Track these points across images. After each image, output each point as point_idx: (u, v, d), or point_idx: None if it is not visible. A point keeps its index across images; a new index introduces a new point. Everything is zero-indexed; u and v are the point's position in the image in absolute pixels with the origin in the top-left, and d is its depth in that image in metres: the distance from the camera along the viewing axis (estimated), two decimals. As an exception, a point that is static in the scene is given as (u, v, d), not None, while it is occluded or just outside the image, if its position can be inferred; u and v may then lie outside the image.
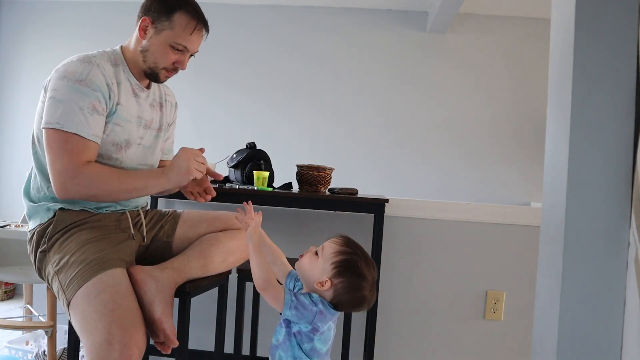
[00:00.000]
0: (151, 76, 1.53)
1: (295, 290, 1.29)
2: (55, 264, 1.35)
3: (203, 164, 1.48)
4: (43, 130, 1.37)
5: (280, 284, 1.28)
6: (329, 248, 1.26)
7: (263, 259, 1.24)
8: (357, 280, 1.23)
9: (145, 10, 1.49)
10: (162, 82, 1.57)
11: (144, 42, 1.48)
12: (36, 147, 1.46)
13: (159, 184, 1.45)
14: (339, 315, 1.32)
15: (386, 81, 3.66)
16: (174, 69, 1.53)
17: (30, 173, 1.50)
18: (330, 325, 1.27)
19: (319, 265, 1.25)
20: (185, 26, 1.47)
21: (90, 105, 1.37)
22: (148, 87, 1.60)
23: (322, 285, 1.24)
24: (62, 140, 1.34)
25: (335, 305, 1.25)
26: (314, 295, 1.25)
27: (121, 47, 1.55)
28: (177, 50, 1.49)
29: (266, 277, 1.21)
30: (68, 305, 1.27)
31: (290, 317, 1.21)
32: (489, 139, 3.59)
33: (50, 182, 1.43)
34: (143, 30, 1.48)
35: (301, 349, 1.23)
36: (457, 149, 3.60)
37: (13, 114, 3.89)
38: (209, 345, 2.34)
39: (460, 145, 3.60)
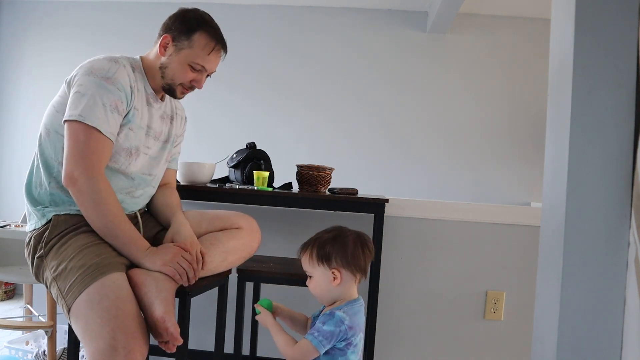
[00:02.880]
0: (168, 91, 1.57)
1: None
2: (53, 270, 1.34)
3: (188, 266, 1.39)
4: (65, 123, 1.38)
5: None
6: (305, 261, 1.35)
7: (282, 331, 1.33)
8: (337, 242, 1.32)
9: (167, 29, 1.53)
10: (179, 98, 1.61)
11: (164, 58, 1.53)
12: (42, 140, 1.47)
13: (132, 254, 1.38)
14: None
15: (386, 81, 3.66)
16: (190, 87, 1.57)
17: (32, 166, 1.50)
18: (361, 336, 1.31)
19: (317, 278, 1.33)
20: (204, 46, 1.51)
21: (112, 103, 1.39)
22: (162, 99, 1.63)
23: (337, 279, 1.31)
24: (83, 134, 1.35)
25: (360, 272, 1.33)
26: (337, 314, 1.27)
27: (140, 57, 1.58)
28: (195, 69, 1.53)
29: (292, 342, 1.29)
30: (69, 311, 1.27)
31: (330, 348, 1.26)
32: (489, 139, 3.59)
33: (52, 177, 1.44)
34: (163, 47, 1.52)
35: None
36: (458, 149, 3.60)
37: (13, 115, 3.89)
38: (209, 345, 2.34)
39: (460, 145, 3.60)
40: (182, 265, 1.38)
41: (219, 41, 1.55)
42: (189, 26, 1.51)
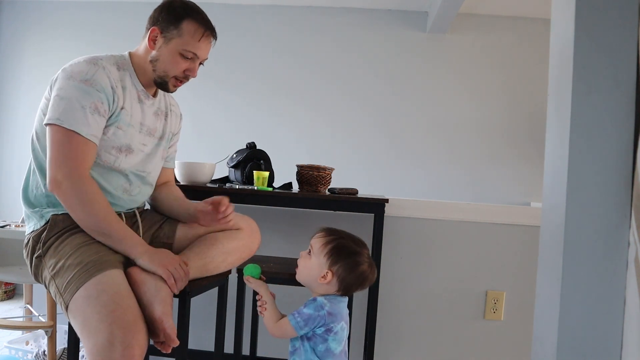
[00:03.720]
0: (160, 85, 1.55)
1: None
2: (51, 268, 1.35)
3: (180, 275, 1.38)
4: (46, 127, 1.38)
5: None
6: (317, 243, 1.36)
7: (271, 304, 1.38)
8: (352, 259, 1.33)
9: (154, 21, 1.52)
10: (171, 92, 1.60)
11: (154, 52, 1.51)
12: (35, 144, 1.47)
13: (128, 250, 1.37)
14: (349, 312, 1.35)
15: (386, 81, 3.66)
16: (184, 77, 1.56)
17: (29, 170, 1.50)
18: (343, 325, 1.32)
19: (314, 263, 1.35)
20: (194, 33, 1.50)
21: (92, 105, 1.39)
22: (154, 95, 1.62)
23: (325, 279, 1.32)
24: (63, 137, 1.35)
25: (344, 290, 1.34)
26: (319, 299, 1.29)
27: (129, 53, 1.57)
28: (187, 58, 1.51)
29: (276, 318, 1.35)
30: (67, 308, 1.27)
31: (307, 332, 1.29)
32: (489, 139, 3.59)
33: (46, 180, 1.44)
34: (152, 41, 1.51)
35: (315, 352, 1.27)
36: (458, 150, 3.60)
37: (13, 115, 3.89)
38: (209, 345, 2.34)
39: (460, 145, 3.60)
40: (179, 272, 1.38)
41: (207, 27, 1.53)
42: (176, 15, 1.49)
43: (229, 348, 2.00)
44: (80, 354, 1.72)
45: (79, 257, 1.31)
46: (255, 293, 1.48)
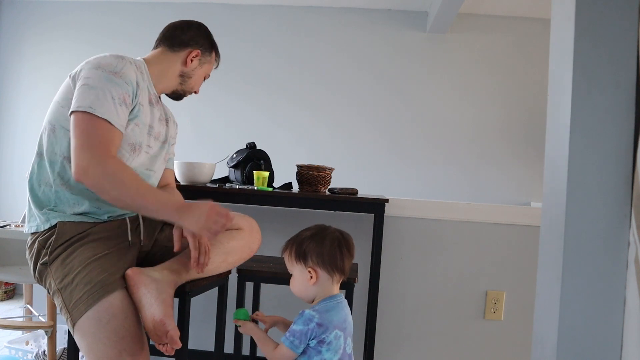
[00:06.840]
0: (178, 96, 1.70)
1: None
2: (58, 281, 1.34)
3: (222, 224, 1.38)
4: (72, 115, 1.36)
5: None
6: (286, 260, 1.37)
7: (265, 337, 1.35)
8: (315, 241, 1.32)
9: (194, 42, 1.65)
10: (179, 100, 1.74)
11: (187, 69, 1.65)
12: (47, 137, 1.45)
13: (168, 217, 1.39)
14: (348, 320, 1.33)
15: (385, 81, 3.66)
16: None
17: (34, 165, 1.47)
18: (338, 334, 1.28)
19: (296, 276, 1.35)
20: (215, 60, 1.73)
21: (120, 96, 1.40)
22: (160, 101, 1.67)
23: (313, 278, 1.31)
24: (92, 124, 1.35)
25: (338, 273, 1.32)
26: (306, 312, 1.28)
27: (143, 59, 1.60)
28: (205, 79, 1.73)
29: (272, 347, 1.31)
30: (73, 324, 1.29)
31: (304, 348, 1.27)
32: (490, 140, 3.59)
33: (56, 173, 1.42)
34: (190, 60, 1.64)
35: None
36: (458, 150, 3.60)
37: (13, 116, 3.89)
38: (209, 345, 2.34)
39: (461, 146, 3.60)
40: (218, 223, 1.37)
41: (219, 55, 1.74)
42: (211, 42, 1.68)
43: (229, 348, 2.00)
44: (80, 354, 1.72)
45: (88, 275, 1.32)
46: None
